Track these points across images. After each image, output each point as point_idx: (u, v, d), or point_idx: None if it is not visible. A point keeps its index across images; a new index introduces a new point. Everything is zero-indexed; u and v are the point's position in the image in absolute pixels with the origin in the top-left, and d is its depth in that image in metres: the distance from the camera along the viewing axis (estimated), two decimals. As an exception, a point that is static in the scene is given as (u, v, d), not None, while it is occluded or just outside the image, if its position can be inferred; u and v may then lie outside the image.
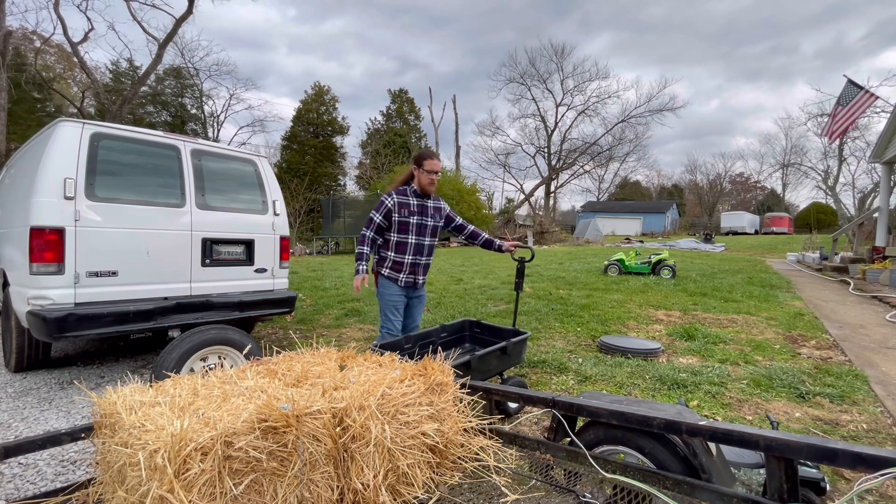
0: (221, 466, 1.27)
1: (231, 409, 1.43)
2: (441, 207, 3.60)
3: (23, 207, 3.49)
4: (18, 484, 2.28)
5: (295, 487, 1.39)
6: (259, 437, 1.34)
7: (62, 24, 20.17)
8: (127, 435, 1.35)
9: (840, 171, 37.78)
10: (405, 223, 3.37)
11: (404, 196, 3.39)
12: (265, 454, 1.35)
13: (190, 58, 30.13)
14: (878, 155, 11.69)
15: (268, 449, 1.35)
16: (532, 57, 41.86)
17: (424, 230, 3.44)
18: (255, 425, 1.35)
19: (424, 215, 3.44)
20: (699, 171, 64.10)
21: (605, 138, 42.26)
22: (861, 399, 3.30)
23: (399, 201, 3.36)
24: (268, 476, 1.36)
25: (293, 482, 1.39)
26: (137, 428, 1.35)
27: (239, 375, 1.83)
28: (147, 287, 3.73)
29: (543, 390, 3.48)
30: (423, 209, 3.44)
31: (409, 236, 3.38)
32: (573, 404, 1.78)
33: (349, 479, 1.50)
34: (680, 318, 6.02)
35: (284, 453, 1.38)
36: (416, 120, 45.03)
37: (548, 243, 27.43)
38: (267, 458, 1.35)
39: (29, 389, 3.66)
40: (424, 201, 3.46)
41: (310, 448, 1.42)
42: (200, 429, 1.30)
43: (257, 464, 1.34)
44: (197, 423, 1.32)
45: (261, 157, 4.73)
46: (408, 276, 3.38)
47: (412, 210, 3.38)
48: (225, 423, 1.32)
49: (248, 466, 1.33)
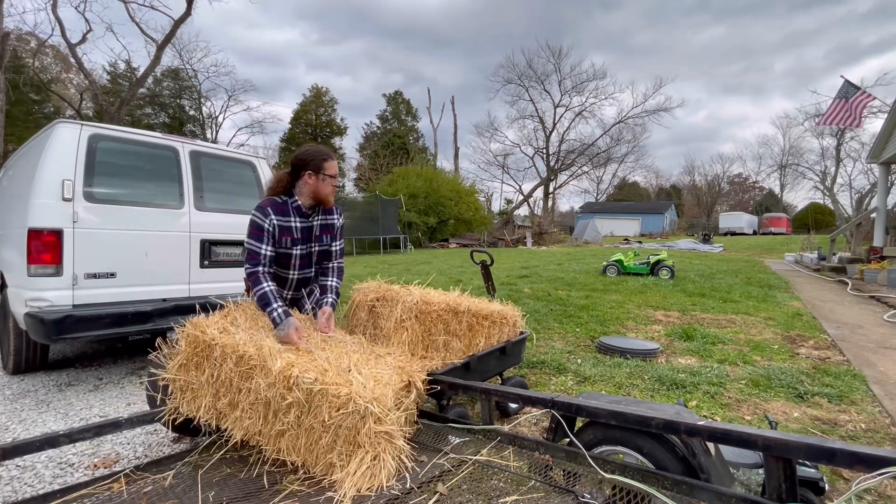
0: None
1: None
2: (333, 223, 2.64)
3: (21, 209, 3.48)
4: (16, 486, 2.27)
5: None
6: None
7: (60, 25, 20.17)
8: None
9: (837, 171, 37.98)
10: (287, 256, 2.49)
11: (285, 217, 2.45)
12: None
13: (188, 59, 30.15)
14: (875, 155, 11.72)
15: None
16: (529, 58, 41.83)
17: (309, 260, 2.60)
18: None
19: (309, 241, 2.55)
20: (697, 172, 64.30)
21: (602, 139, 42.41)
22: (859, 399, 3.30)
23: (280, 224, 2.42)
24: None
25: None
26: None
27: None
28: (145, 289, 3.73)
29: (543, 391, 3.48)
30: (308, 233, 2.53)
31: (291, 272, 2.55)
32: (572, 405, 1.78)
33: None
34: (678, 319, 6.03)
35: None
36: (412, 121, 45.05)
37: (546, 244, 27.46)
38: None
39: (27, 391, 3.64)
40: (310, 220, 2.54)
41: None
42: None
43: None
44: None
45: (259, 159, 4.73)
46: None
47: (296, 238, 2.48)
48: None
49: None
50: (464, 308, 2.68)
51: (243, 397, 1.90)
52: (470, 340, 2.72)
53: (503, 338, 2.92)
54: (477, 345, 2.74)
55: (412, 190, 25.88)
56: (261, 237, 2.38)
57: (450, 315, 2.60)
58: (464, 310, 2.67)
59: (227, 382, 1.96)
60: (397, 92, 45.19)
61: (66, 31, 20.53)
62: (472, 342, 2.72)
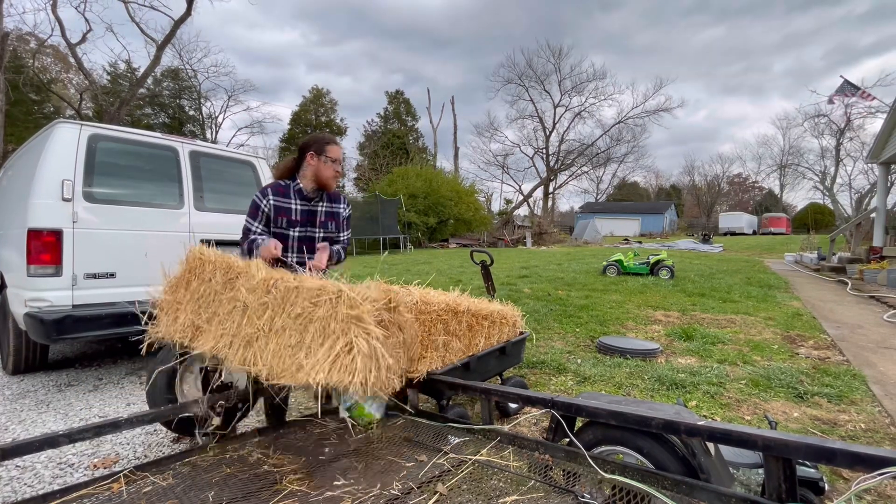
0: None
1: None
2: (339, 212, 2.69)
3: (20, 209, 3.48)
4: (16, 486, 2.27)
5: None
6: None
7: (60, 25, 20.20)
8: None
9: (837, 171, 37.98)
10: (283, 237, 2.50)
11: (284, 197, 2.51)
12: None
13: (188, 59, 30.18)
14: (875, 155, 11.73)
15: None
16: (529, 58, 41.83)
17: (309, 245, 2.59)
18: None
19: (311, 225, 2.57)
20: (697, 173, 64.37)
21: (602, 139, 42.42)
22: (859, 399, 3.30)
23: (276, 204, 2.48)
24: None
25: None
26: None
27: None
28: (145, 289, 3.73)
29: (542, 391, 3.48)
30: (310, 217, 2.56)
31: (289, 254, 2.53)
32: (572, 405, 1.78)
33: None
34: (678, 319, 6.03)
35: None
36: (412, 121, 45.05)
37: (546, 244, 27.46)
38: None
39: (26, 392, 3.64)
40: (314, 205, 2.57)
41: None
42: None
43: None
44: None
45: (259, 159, 4.73)
46: None
47: (293, 219, 2.51)
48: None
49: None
50: (463, 308, 2.68)
51: (223, 308, 1.95)
52: (470, 340, 2.72)
53: (503, 338, 2.92)
54: (477, 345, 2.74)
55: (412, 190, 25.87)
56: (255, 215, 2.50)
57: (449, 315, 2.60)
58: (463, 310, 2.67)
59: (211, 295, 2.02)
60: (399, 91, 45.25)
61: (66, 31, 20.60)
62: (471, 342, 2.72)
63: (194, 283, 2.13)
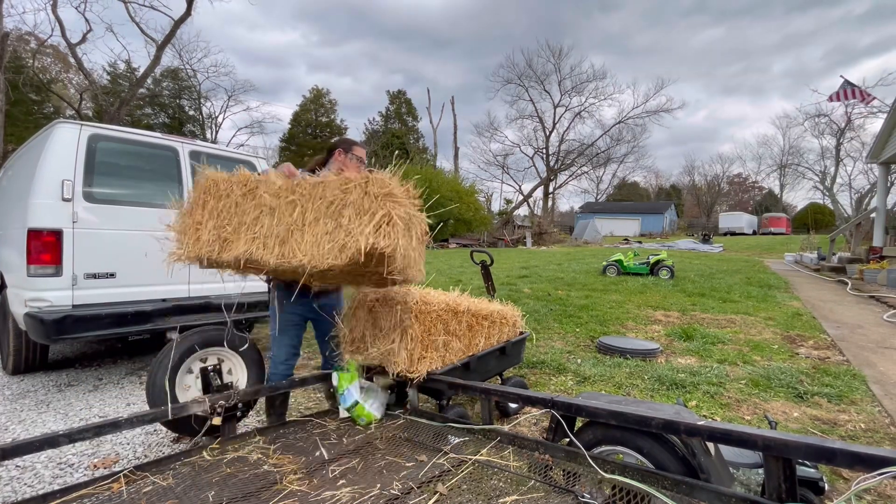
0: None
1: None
2: None
3: (20, 209, 3.48)
4: (16, 486, 2.27)
5: None
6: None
7: (60, 25, 20.17)
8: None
9: (837, 171, 37.95)
10: None
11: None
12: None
13: (188, 59, 30.16)
14: (875, 155, 11.73)
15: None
16: (529, 58, 41.79)
17: None
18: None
19: None
20: (697, 173, 64.35)
21: (602, 139, 42.39)
22: (859, 399, 3.30)
23: None
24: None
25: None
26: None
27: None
28: (145, 289, 3.73)
29: (542, 391, 3.48)
30: None
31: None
32: (572, 405, 1.78)
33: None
34: (678, 319, 6.03)
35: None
36: (413, 121, 45.06)
37: (546, 244, 27.46)
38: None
39: (26, 392, 3.64)
40: None
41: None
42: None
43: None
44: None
45: (259, 159, 4.73)
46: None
47: None
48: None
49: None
50: (463, 308, 2.68)
51: (248, 216, 2.05)
52: (470, 340, 2.72)
53: (503, 338, 2.92)
54: (477, 345, 2.74)
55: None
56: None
57: (449, 315, 2.61)
58: (463, 310, 2.68)
59: (232, 208, 2.10)
60: (400, 91, 45.29)
61: (66, 31, 20.56)
62: (471, 342, 2.72)
63: (211, 202, 2.21)
